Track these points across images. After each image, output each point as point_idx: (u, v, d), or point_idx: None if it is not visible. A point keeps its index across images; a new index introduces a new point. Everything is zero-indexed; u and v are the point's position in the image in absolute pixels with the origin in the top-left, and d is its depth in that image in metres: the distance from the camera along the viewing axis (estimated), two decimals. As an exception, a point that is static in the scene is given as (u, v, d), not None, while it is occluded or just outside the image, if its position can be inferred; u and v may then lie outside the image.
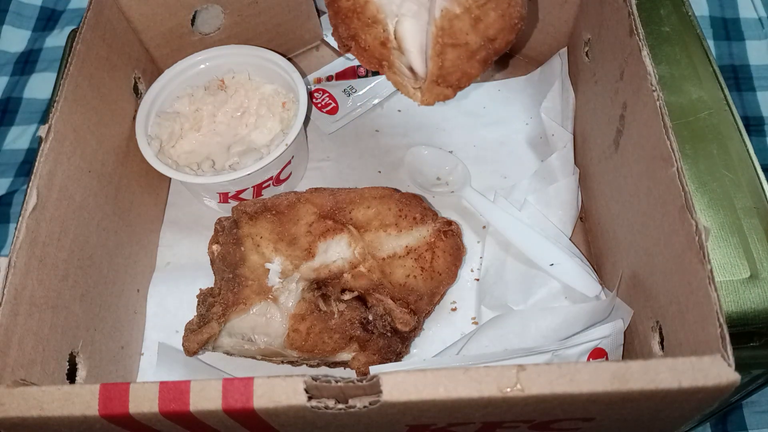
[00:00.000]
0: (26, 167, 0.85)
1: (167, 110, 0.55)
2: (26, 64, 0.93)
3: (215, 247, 0.49)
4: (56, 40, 0.94)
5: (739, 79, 0.85)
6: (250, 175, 0.50)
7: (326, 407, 0.29)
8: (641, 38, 0.41)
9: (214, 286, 0.48)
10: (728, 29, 0.88)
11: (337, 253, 0.47)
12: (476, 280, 0.51)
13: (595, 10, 0.50)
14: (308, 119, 0.61)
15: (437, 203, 0.55)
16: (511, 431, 0.33)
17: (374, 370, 0.43)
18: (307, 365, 0.48)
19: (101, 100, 0.48)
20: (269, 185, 0.54)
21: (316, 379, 0.29)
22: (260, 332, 0.45)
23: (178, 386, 0.30)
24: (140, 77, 0.55)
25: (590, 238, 0.52)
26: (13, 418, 0.30)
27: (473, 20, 0.43)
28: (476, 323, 0.49)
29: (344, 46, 0.48)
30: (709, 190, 0.51)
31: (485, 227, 0.53)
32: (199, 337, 0.45)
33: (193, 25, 0.57)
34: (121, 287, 0.48)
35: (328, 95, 0.61)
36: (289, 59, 0.56)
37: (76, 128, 0.44)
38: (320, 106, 0.61)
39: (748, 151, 0.52)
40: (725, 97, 0.55)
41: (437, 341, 0.49)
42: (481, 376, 0.28)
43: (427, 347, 0.49)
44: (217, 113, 0.56)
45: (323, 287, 0.46)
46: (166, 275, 0.53)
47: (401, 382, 0.29)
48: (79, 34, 0.46)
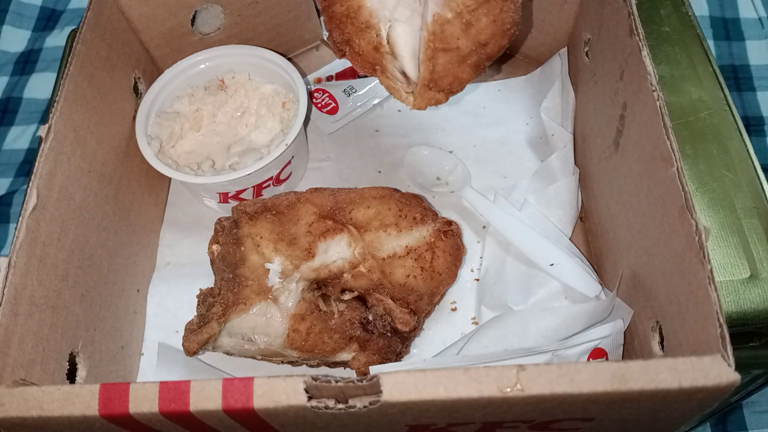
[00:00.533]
0: (26, 167, 0.85)
1: (167, 110, 0.55)
2: (26, 64, 0.93)
3: (215, 247, 0.49)
4: (56, 40, 0.94)
5: (739, 79, 0.85)
6: (250, 175, 0.50)
7: (326, 407, 0.29)
8: (641, 38, 0.41)
9: (214, 286, 0.48)
10: (728, 29, 0.88)
11: (337, 253, 0.47)
12: (476, 280, 0.51)
13: (595, 10, 0.50)
14: (308, 119, 0.61)
15: (437, 203, 0.55)
16: (511, 431, 0.33)
17: (374, 370, 0.43)
18: (307, 365, 0.48)
19: (101, 100, 0.48)
20: (269, 185, 0.54)
21: (316, 379, 0.29)
22: (260, 332, 0.45)
23: (178, 386, 0.30)
24: (140, 77, 0.55)
25: (590, 238, 0.52)
26: (13, 418, 0.30)
27: (464, 25, 0.43)
28: (476, 323, 0.49)
29: (339, 51, 0.49)
30: (709, 190, 0.51)
31: (485, 227, 0.53)
32: (199, 337, 0.45)
33: (193, 25, 0.57)
34: (121, 287, 0.48)
35: (328, 95, 0.61)
36: (289, 59, 0.56)
37: (76, 128, 0.44)
38: (320, 106, 0.61)
39: (748, 151, 0.52)
40: (725, 97, 0.55)
41: (437, 341, 0.49)
42: (481, 376, 0.28)
43: (427, 347, 0.49)
44: (217, 113, 0.56)
45: (323, 287, 0.46)
46: (166, 275, 0.53)
47: (401, 382, 0.29)
48: (79, 34, 0.46)
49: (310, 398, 0.29)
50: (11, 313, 0.36)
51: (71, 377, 0.41)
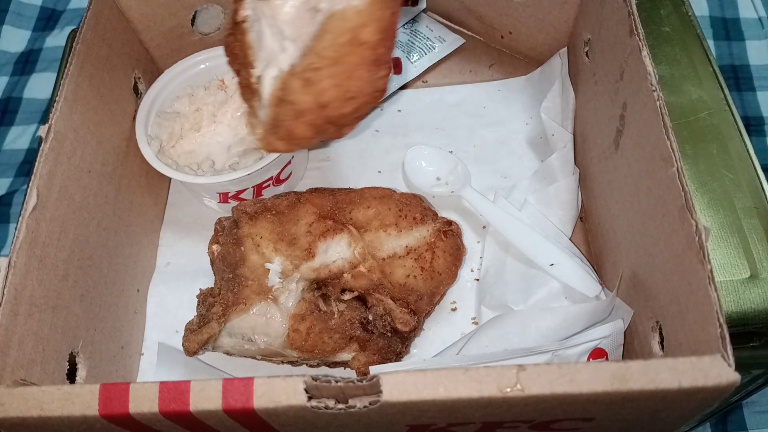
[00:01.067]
0: (26, 167, 0.85)
1: (167, 110, 0.55)
2: (26, 64, 0.93)
3: (215, 247, 0.49)
4: (56, 40, 0.94)
5: (739, 79, 0.85)
6: (250, 175, 0.50)
7: (326, 407, 0.29)
8: (641, 38, 0.41)
9: (214, 286, 0.48)
10: (728, 29, 0.88)
11: (337, 253, 0.47)
12: (476, 280, 0.51)
13: (595, 10, 0.50)
14: (308, 119, 0.61)
15: (437, 203, 0.55)
16: (511, 431, 0.33)
17: (374, 370, 0.43)
18: (307, 365, 0.48)
19: (101, 100, 0.48)
20: (269, 185, 0.54)
21: (316, 379, 0.29)
22: (260, 332, 0.45)
23: (178, 386, 0.30)
24: (140, 77, 0.55)
25: (590, 238, 0.52)
26: (13, 418, 0.30)
27: (305, 81, 0.42)
28: (476, 323, 0.49)
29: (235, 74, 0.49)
30: (709, 190, 0.51)
31: (485, 227, 0.53)
32: (199, 337, 0.45)
33: (193, 25, 0.57)
34: (121, 287, 0.49)
35: (328, 95, 0.61)
36: (289, 59, 0.56)
37: (76, 128, 0.44)
38: (320, 106, 0.61)
39: (748, 151, 0.52)
40: (725, 97, 0.55)
41: (437, 341, 0.49)
42: (481, 376, 0.28)
43: (427, 347, 0.49)
44: (217, 113, 0.56)
45: (323, 287, 0.46)
46: (166, 275, 0.53)
47: (401, 382, 0.29)
48: (79, 34, 0.46)
49: (310, 398, 0.29)
50: (11, 313, 0.36)
51: (71, 377, 0.41)
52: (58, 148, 0.42)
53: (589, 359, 0.43)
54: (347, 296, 0.46)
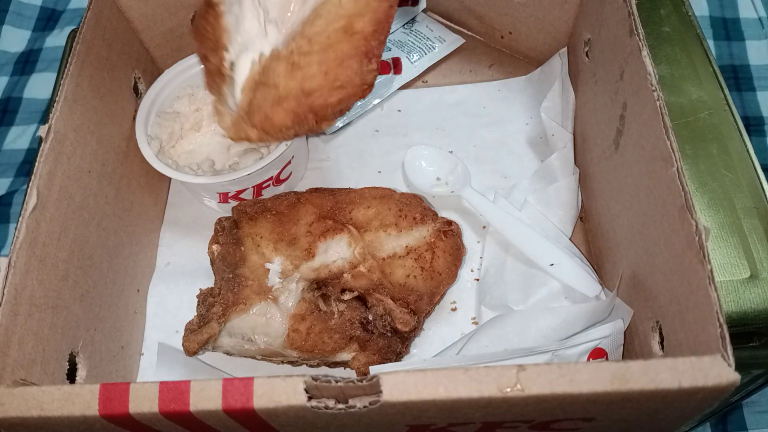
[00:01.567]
0: (26, 167, 0.85)
1: (167, 110, 0.55)
2: (26, 64, 0.93)
3: (215, 247, 0.49)
4: (56, 40, 0.94)
5: (739, 79, 0.85)
6: (250, 175, 0.50)
7: (326, 407, 0.29)
8: (641, 38, 0.41)
9: (214, 286, 0.48)
10: (728, 29, 0.88)
11: (337, 253, 0.47)
12: (476, 280, 0.51)
13: (595, 10, 0.50)
14: (308, 119, 0.61)
15: (437, 203, 0.55)
16: (511, 431, 0.33)
17: (374, 370, 0.43)
18: (307, 365, 0.48)
19: (101, 100, 0.48)
20: (269, 185, 0.54)
21: (316, 379, 0.29)
22: (260, 332, 0.45)
23: (178, 386, 0.30)
24: (140, 77, 0.55)
25: (590, 238, 0.52)
26: (13, 418, 0.30)
27: (290, 65, 0.40)
28: (476, 323, 0.49)
29: (202, 63, 0.47)
30: (709, 190, 0.51)
31: (485, 227, 0.53)
32: (199, 337, 0.45)
33: (193, 25, 0.57)
34: (121, 287, 0.49)
35: (328, 95, 0.61)
36: (289, 59, 0.56)
37: (76, 128, 0.44)
38: (320, 106, 0.61)
39: (748, 151, 0.52)
40: (725, 97, 0.55)
41: (437, 341, 0.49)
42: (481, 376, 0.28)
43: (427, 347, 0.49)
44: (217, 113, 0.56)
45: (323, 287, 0.46)
46: (166, 275, 0.53)
47: (401, 382, 0.29)
48: (79, 34, 0.46)
49: (310, 398, 0.29)
50: (11, 313, 0.36)
51: (71, 377, 0.41)
52: (58, 148, 0.42)
53: (589, 359, 0.43)
54: (347, 296, 0.46)
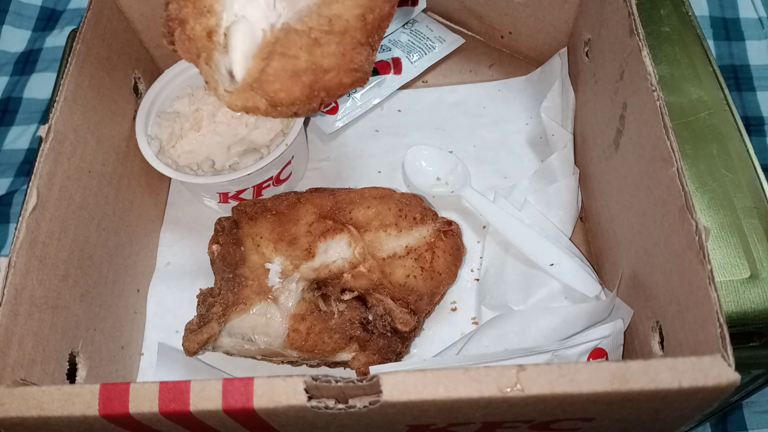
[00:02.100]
0: (26, 167, 0.85)
1: (167, 110, 0.55)
2: (26, 64, 0.93)
3: (215, 247, 0.49)
4: (56, 40, 0.94)
5: (739, 79, 0.85)
6: (250, 175, 0.50)
7: (326, 407, 0.29)
8: (641, 38, 0.41)
9: (214, 286, 0.48)
10: (728, 29, 0.88)
11: (337, 253, 0.47)
12: (476, 280, 0.51)
13: (595, 10, 0.50)
14: (308, 119, 0.61)
15: (437, 203, 0.55)
16: (511, 431, 0.33)
17: (374, 370, 0.43)
18: (307, 365, 0.48)
19: (101, 100, 0.48)
20: (269, 185, 0.54)
21: (316, 379, 0.29)
22: (260, 332, 0.45)
23: (178, 386, 0.30)
24: (140, 77, 0.55)
25: (590, 238, 0.52)
26: (13, 418, 0.30)
27: (312, 41, 0.41)
28: (476, 323, 0.49)
29: (167, 27, 0.44)
30: (709, 190, 0.51)
31: (485, 227, 0.53)
32: (199, 337, 0.45)
33: None
34: (121, 287, 0.48)
35: (328, 95, 0.61)
36: (289, 59, 0.56)
37: (76, 128, 0.44)
38: (320, 106, 0.61)
39: (748, 151, 0.52)
40: (725, 97, 0.55)
41: (437, 341, 0.49)
42: (481, 376, 0.28)
43: (427, 347, 0.49)
44: (217, 113, 0.56)
45: (323, 287, 0.46)
46: (166, 275, 0.53)
47: (401, 382, 0.29)
48: (79, 34, 0.46)
49: (310, 398, 0.29)
50: (11, 313, 0.36)
51: (71, 377, 0.41)
52: (58, 148, 0.42)
53: (589, 359, 0.43)
54: (347, 296, 0.46)
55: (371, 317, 0.45)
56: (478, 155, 0.58)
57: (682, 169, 0.35)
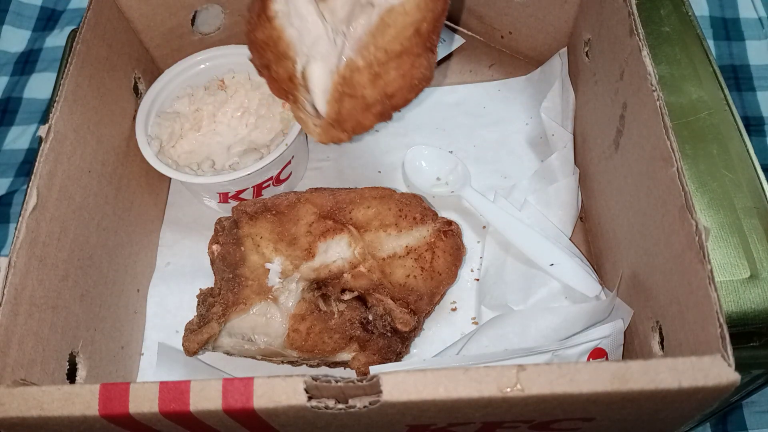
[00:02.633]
0: (26, 167, 0.85)
1: (167, 110, 0.55)
2: (26, 64, 0.93)
3: (215, 247, 0.49)
4: (56, 40, 0.94)
5: (739, 79, 0.85)
6: (250, 175, 0.50)
7: (326, 407, 0.29)
8: (641, 38, 0.41)
9: (214, 286, 0.48)
10: (728, 29, 0.88)
11: (337, 253, 0.47)
12: (476, 280, 0.51)
13: (595, 10, 0.50)
14: (308, 119, 0.61)
15: (437, 203, 0.55)
16: (511, 431, 0.33)
17: (374, 370, 0.43)
18: (307, 365, 0.48)
19: (101, 100, 0.48)
20: (269, 185, 0.54)
21: (316, 379, 0.29)
22: (260, 332, 0.45)
23: (178, 386, 0.30)
24: (140, 77, 0.55)
25: (590, 238, 0.52)
26: (13, 418, 0.30)
27: (373, 76, 0.44)
28: (476, 323, 0.49)
29: (259, 71, 0.50)
30: (709, 190, 0.51)
31: (485, 227, 0.53)
32: (199, 337, 0.45)
33: (193, 25, 0.57)
34: (121, 287, 0.48)
35: (328, 95, 0.61)
36: (289, 59, 0.56)
37: (76, 128, 0.44)
38: (320, 106, 0.61)
39: (748, 151, 0.52)
40: (725, 97, 0.55)
41: (437, 341, 0.49)
42: (481, 376, 0.28)
43: (427, 347, 0.49)
44: (217, 113, 0.56)
45: (323, 287, 0.46)
46: (166, 275, 0.53)
47: (401, 382, 0.29)
48: (79, 34, 0.46)
49: (310, 398, 0.29)
50: (11, 313, 0.36)
51: (71, 377, 0.41)
52: (58, 148, 0.42)
53: (589, 359, 0.43)
54: (347, 296, 0.46)
55: (371, 317, 0.45)
56: (478, 155, 0.58)
57: (682, 169, 0.35)
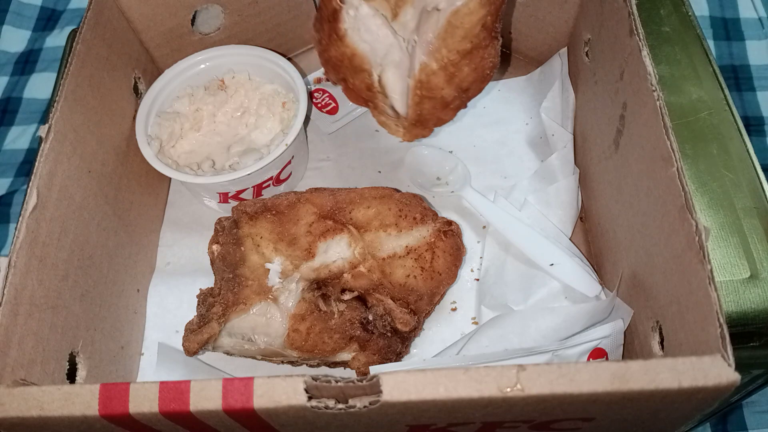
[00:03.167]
0: (26, 167, 0.85)
1: (167, 110, 0.55)
2: (26, 64, 0.93)
3: (215, 247, 0.49)
4: (56, 40, 0.94)
5: (739, 79, 0.85)
6: (250, 175, 0.50)
7: (326, 407, 0.29)
8: (641, 38, 0.41)
9: (214, 286, 0.48)
10: (728, 29, 0.88)
11: (337, 253, 0.47)
12: (476, 280, 0.51)
13: (595, 10, 0.50)
14: (308, 119, 0.61)
15: (437, 203, 0.55)
16: (511, 431, 0.33)
17: (374, 370, 0.43)
18: (307, 365, 0.48)
19: (101, 100, 0.48)
20: (269, 185, 0.54)
21: (316, 379, 0.29)
22: (260, 332, 0.45)
23: (178, 386, 0.30)
24: (140, 77, 0.55)
25: (590, 238, 0.52)
26: (13, 418, 0.30)
27: (448, 76, 0.47)
28: (476, 323, 0.49)
29: (335, 83, 0.54)
30: (709, 190, 0.51)
31: (485, 227, 0.53)
32: (199, 337, 0.45)
33: (193, 25, 0.57)
34: (121, 287, 0.48)
35: (328, 95, 0.61)
36: (289, 59, 0.56)
37: (76, 128, 0.44)
38: (320, 106, 0.61)
39: (748, 151, 0.52)
40: (725, 97, 0.55)
41: (437, 341, 0.49)
42: (481, 376, 0.28)
43: (427, 347, 0.49)
44: (217, 113, 0.56)
45: (323, 287, 0.46)
46: (166, 275, 0.53)
47: (401, 382, 0.29)
48: (79, 34, 0.46)
49: (310, 398, 0.29)
50: (11, 313, 0.36)
51: (71, 377, 0.41)
52: (58, 148, 0.42)
53: (589, 359, 0.43)
54: (347, 296, 0.46)
55: (371, 317, 0.45)
56: (478, 155, 0.58)
57: (682, 169, 0.35)
